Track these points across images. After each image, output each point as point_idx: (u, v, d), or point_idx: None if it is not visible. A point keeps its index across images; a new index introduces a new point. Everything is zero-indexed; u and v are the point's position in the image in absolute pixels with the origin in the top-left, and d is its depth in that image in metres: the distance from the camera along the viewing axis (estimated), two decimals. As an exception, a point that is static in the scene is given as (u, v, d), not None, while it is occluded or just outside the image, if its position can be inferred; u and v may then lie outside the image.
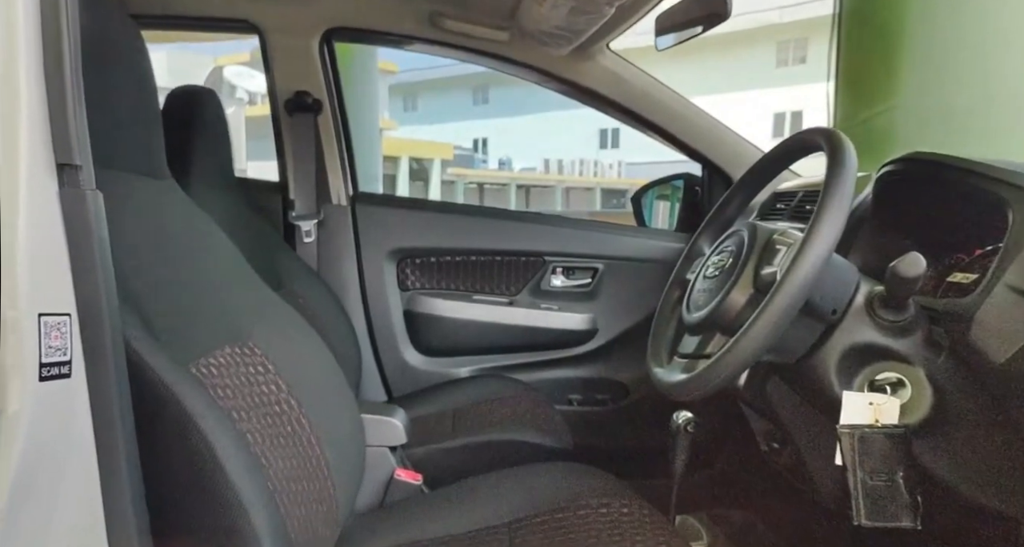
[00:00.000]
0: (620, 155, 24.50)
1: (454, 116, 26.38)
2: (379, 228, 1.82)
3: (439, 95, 27.30)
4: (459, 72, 26.30)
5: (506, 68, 1.81)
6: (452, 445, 1.36)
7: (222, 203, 1.39)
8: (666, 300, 1.12)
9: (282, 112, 1.73)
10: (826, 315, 0.85)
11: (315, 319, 1.57)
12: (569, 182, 23.27)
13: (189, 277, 0.90)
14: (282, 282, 1.53)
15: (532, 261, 1.85)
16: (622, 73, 1.74)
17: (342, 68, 1.82)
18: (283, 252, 1.61)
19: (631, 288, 1.85)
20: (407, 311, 1.83)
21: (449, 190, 20.25)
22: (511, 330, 1.82)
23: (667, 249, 1.86)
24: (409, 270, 1.85)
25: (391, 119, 20.78)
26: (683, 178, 1.99)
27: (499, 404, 1.58)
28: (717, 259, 0.97)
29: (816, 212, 0.78)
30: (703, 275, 0.99)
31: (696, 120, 1.76)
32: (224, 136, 1.44)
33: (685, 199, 1.98)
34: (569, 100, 1.87)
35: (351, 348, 1.66)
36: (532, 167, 23.91)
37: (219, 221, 1.37)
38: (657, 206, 2.19)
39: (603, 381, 1.86)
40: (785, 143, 0.98)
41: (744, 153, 1.77)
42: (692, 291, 1.00)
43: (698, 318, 0.92)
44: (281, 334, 1.04)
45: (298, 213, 1.74)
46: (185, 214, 0.96)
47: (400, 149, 18.48)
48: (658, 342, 1.06)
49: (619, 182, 24.22)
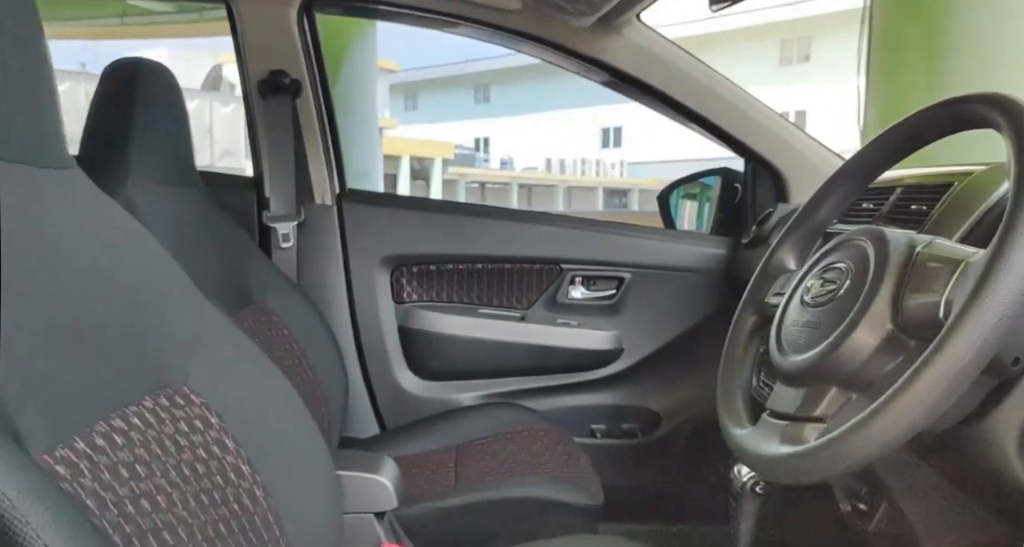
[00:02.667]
0: (622, 154, 24.39)
1: (455, 115, 26.32)
2: (370, 231, 1.57)
3: (440, 94, 27.27)
4: (460, 71, 26.28)
5: (516, 44, 1.55)
6: (455, 504, 1.10)
7: (174, 202, 1.14)
8: (737, 332, 0.85)
9: (254, 95, 1.48)
10: (1004, 367, 0.59)
11: (291, 339, 1.32)
12: (571, 181, 23.20)
13: (82, 304, 0.64)
14: (251, 296, 1.27)
15: (547, 269, 1.60)
16: (654, 49, 1.49)
17: (337, 63, 1.56)
18: (255, 260, 1.35)
19: (662, 300, 1.60)
20: (402, 327, 1.57)
21: (450, 189, 20.17)
22: (523, 350, 1.57)
23: (704, 255, 1.60)
24: (405, 280, 1.59)
25: (392, 118, 20.65)
26: (720, 174, 1.74)
27: (510, 441, 1.33)
28: (820, 280, 0.71)
29: (1011, 220, 0.52)
30: (799, 301, 0.72)
31: (741, 107, 1.50)
32: (179, 121, 1.18)
33: (723, 198, 1.72)
34: (571, 99, 1.61)
35: (335, 373, 1.40)
36: (534, 166, 23.82)
37: (168, 224, 1.12)
38: (684, 206, 1.94)
39: (631, 409, 1.61)
40: (915, 120, 0.72)
41: (800, 146, 1.51)
42: (783, 324, 0.73)
43: (800, 364, 0.66)
44: (229, 372, 0.78)
45: (274, 214, 1.48)
46: (88, 213, 0.70)
47: (401, 148, 18.48)
48: (731, 391, 0.80)
49: (622, 181, 24.12)
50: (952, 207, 0.89)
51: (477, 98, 27.44)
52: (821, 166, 1.50)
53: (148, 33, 10.57)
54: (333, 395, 1.36)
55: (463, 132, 25.24)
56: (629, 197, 24.02)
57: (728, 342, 0.85)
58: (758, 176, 1.58)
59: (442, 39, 41.97)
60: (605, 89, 1.67)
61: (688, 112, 1.52)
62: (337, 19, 8.76)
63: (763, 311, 0.83)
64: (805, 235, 0.84)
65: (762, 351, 0.81)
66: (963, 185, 0.91)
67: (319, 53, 1.52)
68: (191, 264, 1.10)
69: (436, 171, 20.05)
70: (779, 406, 0.68)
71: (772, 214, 1.47)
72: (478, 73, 26.40)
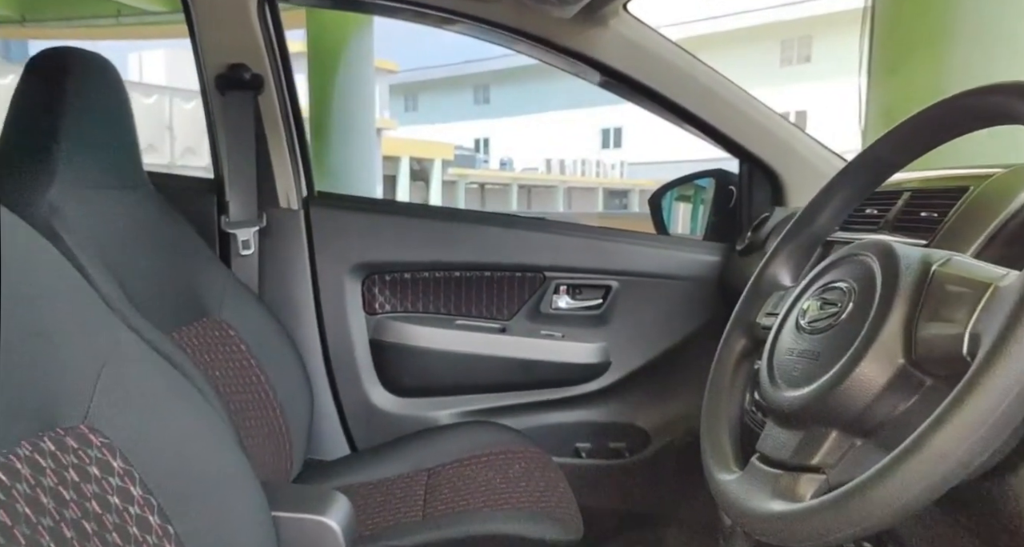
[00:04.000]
0: (622, 155, 24.31)
1: (455, 116, 26.28)
2: (339, 237, 1.47)
3: (440, 94, 27.22)
4: (460, 72, 26.24)
5: (493, 35, 1.45)
6: (418, 541, 1.00)
7: (111, 207, 1.04)
8: (725, 357, 0.74)
9: (212, 91, 1.37)
10: None
11: (248, 355, 1.22)
12: (571, 182, 23.15)
13: None
14: (204, 309, 1.17)
15: (530, 277, 1.50)
16: (642, 42, 1.38)
17: (334, 63, 1.45)
18: (210, 269, 1.25)
19: (652, 311, 1.50)
20: (374, 341, 1.47)
21: (450, 190, 20.13)
22: (503, 364, 1.46)
23: (696, 262, 1.50)
24: (377, 289, 1.49)
25: (391, 119, 20.60)
26: (714, 175, 1.63)
27: (485, 464, 1.23)
28: (819, 302, 0.61)
29: None
30: (795, 326, 0.62)
31: (736, 104, 1.40)
32: (120, 118, 1.08)
33: (717, 201, 1.62)
34: (571, 99, 1.51)
35: (298, 391, 1.30)
36: (534, 167, 23.77)
37: (103, 231, 1.02)
38: (677, 209, 1.84)
39: (618, 427, 1.50)
40: (931, 114, 0.62)
41: (798, 146, 1.41)
42: (776, 351, 0.63)
43: (795, 402, 0.56)
44: (141, 403, 0.68)
45: (233, 219, 1.38)
46: None
47: (400, 149, 18.48)
48: (716, 426, 0.69)
49: (621, 182, 24.03)
50: (968, 214, 0.79)
51: (477, 99, 27.42)
52: (821, 167, 1.40)
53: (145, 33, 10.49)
54: (295, 416, 1.26)
55: (463, 133, 25.18)
56: (629, 198, 23.98)
57: (714, 368, 0.75)
58: (754, 178, 1.48)
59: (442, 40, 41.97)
60: (603, 89, 1.57)
61: (679, 110, 1.42)
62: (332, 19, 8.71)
63: (754, 333, 0.73)
64: (802, 245, 0.73)
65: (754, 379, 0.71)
66: (980, 189, 0.81)
67: (283, 45, 1.42)
68: (128, 274, 1.01)
69: (436, 172, 20.03)
70: (771, 450, 0.58)
71: (768, 219, 1.37)
72: (478, 74, 26.41)
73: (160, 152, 11.21)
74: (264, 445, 1.17)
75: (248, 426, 1.13)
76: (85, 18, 9.86)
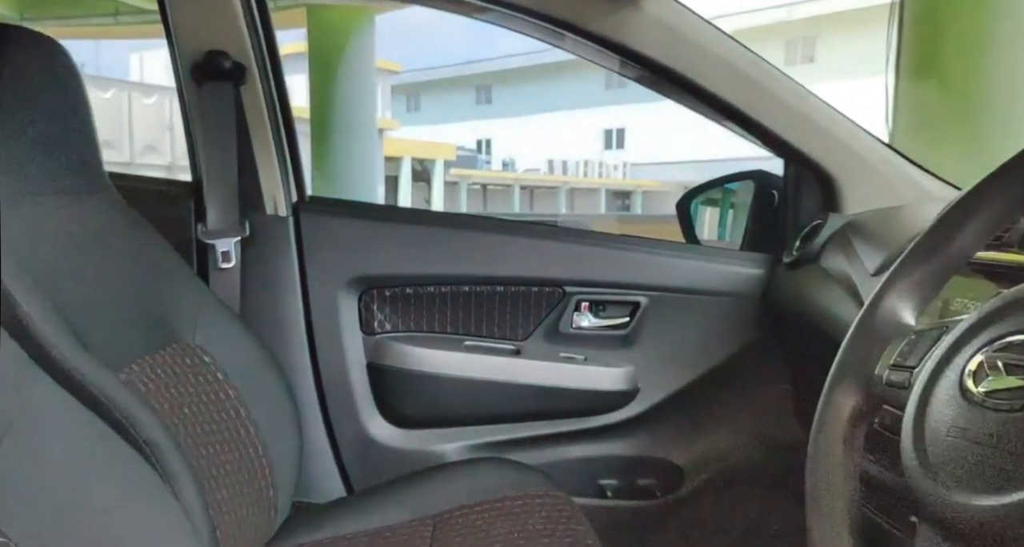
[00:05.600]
0: (625, 156, 24.21)
1: (457, 116, 26.26)
2: (334, 247, 1.31)
3: (442, 95, 27.20)
4: (462, 72, 26.19)
5: (510, 21, 1.28)
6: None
7: (58, 216, 0.87)
8: (829, 421, 0.56)
9: (187, 82, 1.21)
10: None
11: (226, 386, 1.06)
12: (573, 183, 23.05)
13: None
14: (174, 332, 1.01)
15: (548, 293, 1.33)
16: (678, 26, 1.21)
17: (335, 63, 1.29)
18: (183, 286, 1.08)
19: (686, 330, 1.34)
20: (372, 364, 1.31)
21: (452, 191, 20.05)
22: (517, 391, 1.30)
23: (736, 276, 1.33)
24: (376, 306, 1.32)
25: (393, 119, 20.54)
26: (753, 177, 1.47)
27: (500, 512, 1.06)
28: (998, 362, 0.43)
29: None
30: (958, 394, 0.44)
31: (784, 96, 1.23)
32: (71, 112, 0.91)
33: (757, 206, 1.45)
34: (574, 100, 1.34)
35: (285, 426, 1.14)
36: (536, 168, 23.69)
37: (46, 244, 0.86)
38: (707, 215, 1.67)
39: (647, 462, 1.34)
40: None
41: (854, 143, 1.24)
42: (925, 426, 0.45)
43: (982, 513, 0.38)
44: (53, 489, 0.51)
45: (211, 227, 1.21)
46: None
47: (402, 150, 18.51)
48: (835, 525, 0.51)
49: (624, 183, 23.93)
50: None
51: (479, 99, 27.41)
52: (883, 169, 1.23)
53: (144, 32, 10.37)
54: (281, 455, 1.09)
55: (465, 133, 25.12)
56: (632, 199, 23.90)
57: (816, 437, 0.57)
58: (802, 180, 1.31)
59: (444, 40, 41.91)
60: (606, 90, 1.40)
61: (717, 102, 1.25)
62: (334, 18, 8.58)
63: (872, 390, 0.55)
64: (933, 274, 0.56)
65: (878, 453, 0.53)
66: None
67: (269, 31, 1.25)
68: (69, 296, 0.84)
69: (438, 173, 20.02)
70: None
71: (821, 227, 1.20)
72: (480, 74, 26.42)
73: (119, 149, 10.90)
74: (243, 492, 1.00)
75: (223, 473, 0.97)
76: (83, 16, 9.76)
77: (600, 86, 23.60)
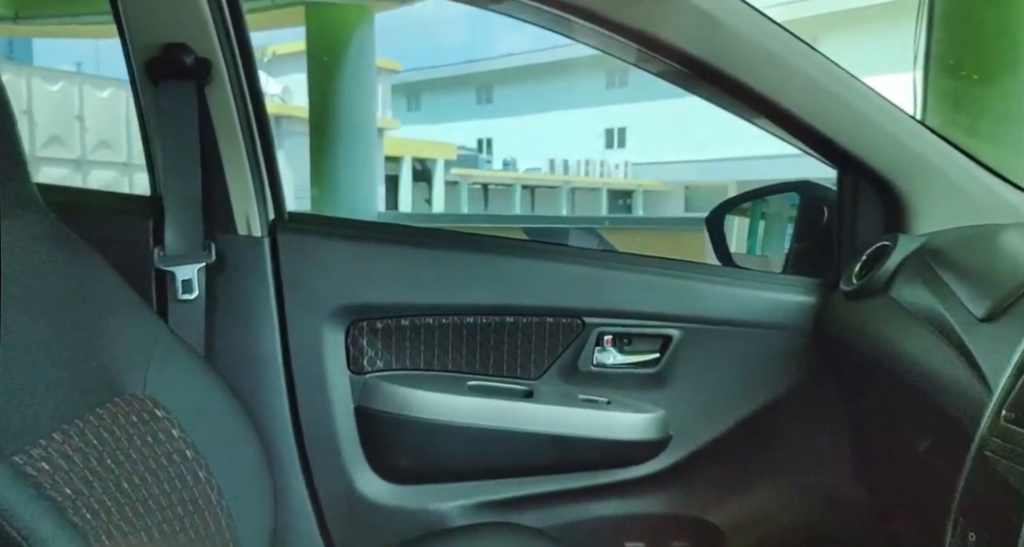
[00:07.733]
0: (626, 155, 24.18)
1: (458, 116, 26.29)
2: (317, 272, 1.13)
3: (443, 94, 27.20)
4: (463, 71, 26.16)
5: (527, 12, 1.10)
6: None
7: None
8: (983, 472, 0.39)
9: (142, 79, 1.03)
10: None
11: (183, 445, 0.90)
12: (575, 182, 23.02)
13: None
14: (119, 382, 0.84)
15: (565, 324, 1.16)
16: (718, 16, 1.03)
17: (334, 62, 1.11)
18: (134, 322, 0.91)
19: (725, 368, 1.17)
20: (361, 409, 1.13)
21: (453, 191, 20.00)
22: (530, 440, 1.13)
23: (782, 305, 1.16)
24: (365, 341, 1.15)
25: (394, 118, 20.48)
26: (799, 189, 1.29)
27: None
28: None
29: None
30: None
31: (844, 96, 1.06)
32: None
33: (803, 223, 1.28)
34: (575, 99, 1.17)
35: (255, 485, 0.97)
36: (537, 167, 23.67)
37: None
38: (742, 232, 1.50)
39: (681, 522, 1.17)
40: None
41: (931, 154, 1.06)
42: None
43: None
44: None
45: (169, 252, 1.03)
46: None
47: (403, 149, 18.54)
48: None
49: (626, 182, 23.88)
50: None
51: (480, 98, 27.44)
52: (962, 182, 1.05)
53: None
54: (249, 523, 0.92)
55: (465, 133, 25.11)
56: (633, 198, 23.87)
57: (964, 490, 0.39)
58: (860, 194, 1.13)
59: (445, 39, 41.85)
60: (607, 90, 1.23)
61: (763, 101, 1.07)
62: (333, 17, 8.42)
63: None
64: None
65: None
66: None
67: (239, 21, 1.07)
68: None
69: (438, 172, 20.02)
70: None
71: (889, 250, 1.02)
72: (481, 73, 26.42)
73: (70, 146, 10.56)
74: None
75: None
76: (80, 15, 9.60)
77: (601, 85, 23.55)
